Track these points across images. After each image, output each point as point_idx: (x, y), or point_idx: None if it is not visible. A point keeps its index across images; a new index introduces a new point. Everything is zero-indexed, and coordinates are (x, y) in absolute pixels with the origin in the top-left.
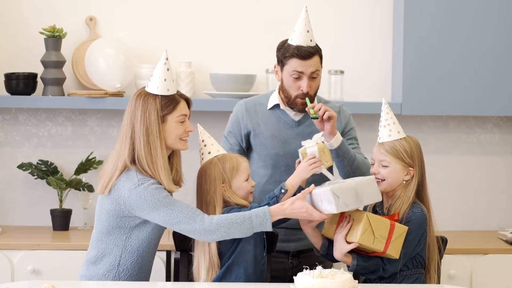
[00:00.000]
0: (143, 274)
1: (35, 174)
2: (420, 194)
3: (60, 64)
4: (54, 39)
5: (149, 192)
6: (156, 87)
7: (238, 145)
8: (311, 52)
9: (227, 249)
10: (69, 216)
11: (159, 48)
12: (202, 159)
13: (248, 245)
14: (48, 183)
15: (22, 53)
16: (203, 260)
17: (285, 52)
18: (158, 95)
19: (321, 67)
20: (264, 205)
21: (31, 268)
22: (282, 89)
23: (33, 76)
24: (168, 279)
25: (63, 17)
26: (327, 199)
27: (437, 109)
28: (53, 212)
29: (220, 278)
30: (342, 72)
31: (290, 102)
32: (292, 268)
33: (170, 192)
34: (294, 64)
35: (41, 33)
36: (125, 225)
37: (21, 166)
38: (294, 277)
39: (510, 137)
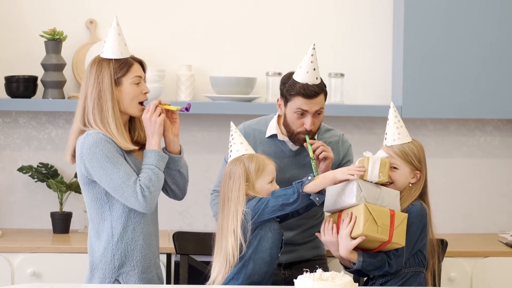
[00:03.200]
0: (141, 238)
1: (35, 177)
2: (423, 197)
3: (60, 67)
4: (54, 42)
5: (100, 145)
6: (111, 52)
7: None
8: (317, 92)
9: (246, 245)
10: (69, 219)
11: (160, 51)
12: (230, 156)
13: (266, 244)
14: (49, 186)
15: (22, 56)
16: (219, 255)
17: (290, 89)
18: (111, 59)
19: (325, 102)
20: (289, 189)
21: (31, 271)
22: (284, 124)
23: (33, 79)
24: (168, 281)
25: (63, 20)
26: (350, 190)
27: (437, 112)
28: (53, 215)
29: (235, 273)
30: (342, 75)
31: (291, 136)
32: (284, 279)
33: (128, 150)
34: (298, 102)
35: (42, 36)
36: (99, 195)
37: (21, 169)
38: (294, 279)
39: (510, 140)
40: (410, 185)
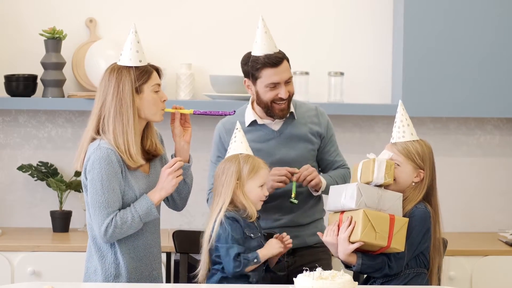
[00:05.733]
0: (141, 249)
1: (35, 175)
2: (429, 197)
3: (60, 65)
4: (54, 40)
5: (102, 163)
6: (129, 59)
7: None
8: (280, 58)
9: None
10: (69, 217)
11: (160, 50)
12: (228, 152)
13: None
14: (48, 185)
15: (22, 55)
16: (202, 255)
17: (254, 65)
18: (131, 67)
19: (291, 70)
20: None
21: (31, 269)
22: (258, 102)
23: (33, 78)
24: (168, 280)
25: (63, 19)
26: (351, 194)
27: (437, 110)
28: (53, 213)
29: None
30: (342, 73)
31: (268, 110)
32: (288, 266)
33: (139, 166)
34: (267, 74)
35: (41, 34)
36: None
37: (21, 168)
38: (294, 278)
39: (510, 138)
40: (413, 184)
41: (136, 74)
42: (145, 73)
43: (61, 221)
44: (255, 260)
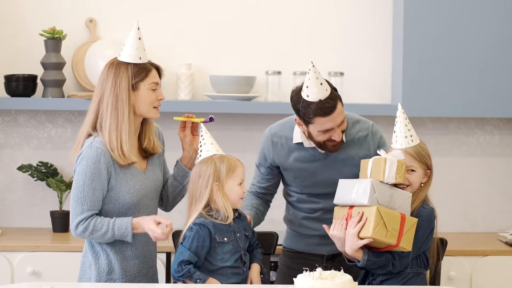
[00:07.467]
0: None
1: (35, 176)
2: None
3: (60, 65)
4: (54, 40)
5: (90, 161)
6: (129, 55)
7: (269, 175)
8: (333, 105)
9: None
10: (68, 217)
11: (159, 50)
12: (200, 156)
13: (223, 271)
14: (48, 185)
15: (22, 55)
16: None
17: (306, 113)
18: (130, 63)
19: (343, 107)
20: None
21: (31, 269)
22: (309, 138)
23: (33, 78)
24: (168, 280)
25: (63, 19)
26: (363, 189)
27: (437, 110)
28: (53, 214)
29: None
30: (342, 73)
31: (321, 147)
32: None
33: (131, 163)
34: (320, 122)
35: (41, 34)
36: None
37: (21, 168)
38: (294, 278)
39: (510, 138)
40: (422, 185)
41: (133, 71)
42: (142, 70)
43: (61, 221)
44: (198, 281)
